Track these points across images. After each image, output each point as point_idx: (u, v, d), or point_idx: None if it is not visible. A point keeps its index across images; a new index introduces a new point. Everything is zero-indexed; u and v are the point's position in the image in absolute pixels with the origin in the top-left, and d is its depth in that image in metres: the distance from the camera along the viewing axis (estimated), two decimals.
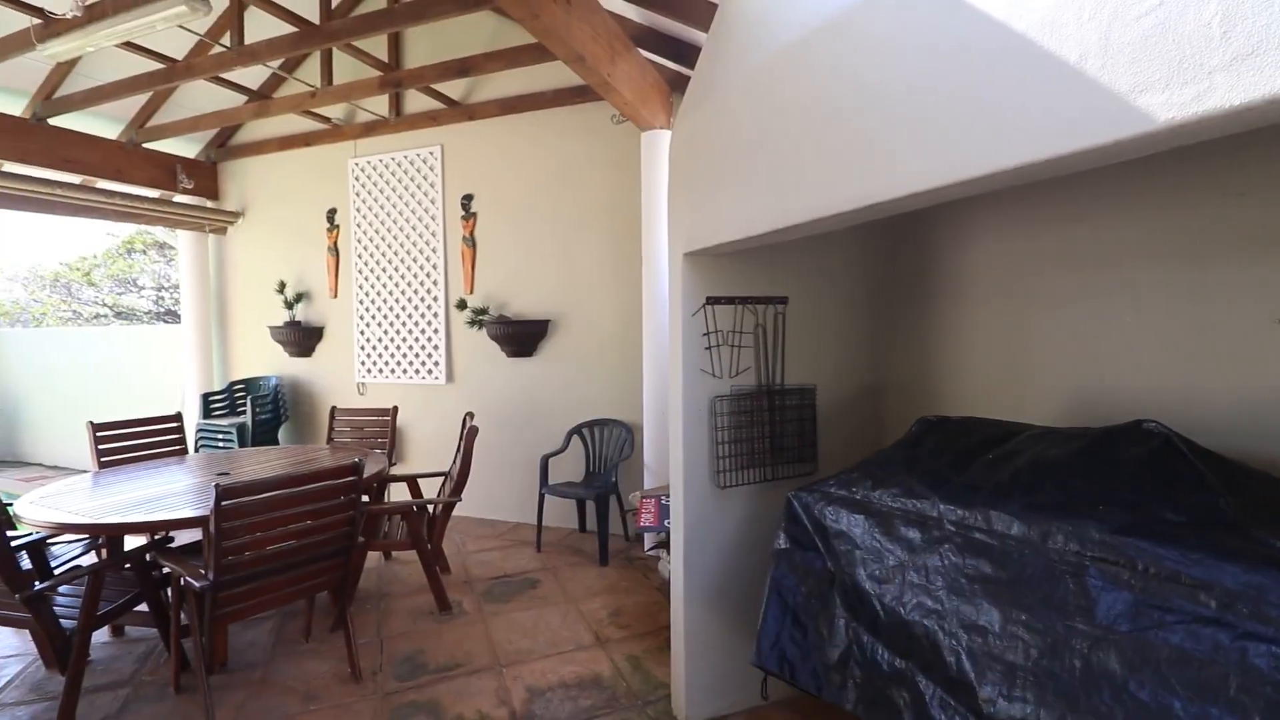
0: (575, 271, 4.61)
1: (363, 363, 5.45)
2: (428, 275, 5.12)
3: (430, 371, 5.15)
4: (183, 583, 2.32)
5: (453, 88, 4.82)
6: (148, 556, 2.62)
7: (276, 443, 5.52)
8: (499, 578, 3.73)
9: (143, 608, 2.65)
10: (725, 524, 2.37)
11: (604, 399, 4.55)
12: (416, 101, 5.02)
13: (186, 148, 5.80)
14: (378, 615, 3.24)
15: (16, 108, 4.56)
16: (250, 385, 5.64)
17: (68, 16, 3.02)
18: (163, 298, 13.61)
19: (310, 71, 5.12)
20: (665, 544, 3.44)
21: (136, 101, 5.12)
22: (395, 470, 4.12)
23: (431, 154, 5.04)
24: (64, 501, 2.70)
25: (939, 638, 1.38)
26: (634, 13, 3.77)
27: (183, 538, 3.05)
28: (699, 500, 2.31)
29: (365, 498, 2.87)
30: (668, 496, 3.60)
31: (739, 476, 2.36)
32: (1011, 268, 2.17)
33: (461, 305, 4.91)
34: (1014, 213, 2.17)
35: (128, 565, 2.70)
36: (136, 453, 3.71)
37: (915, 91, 1.24)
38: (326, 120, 5.28)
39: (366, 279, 5.38)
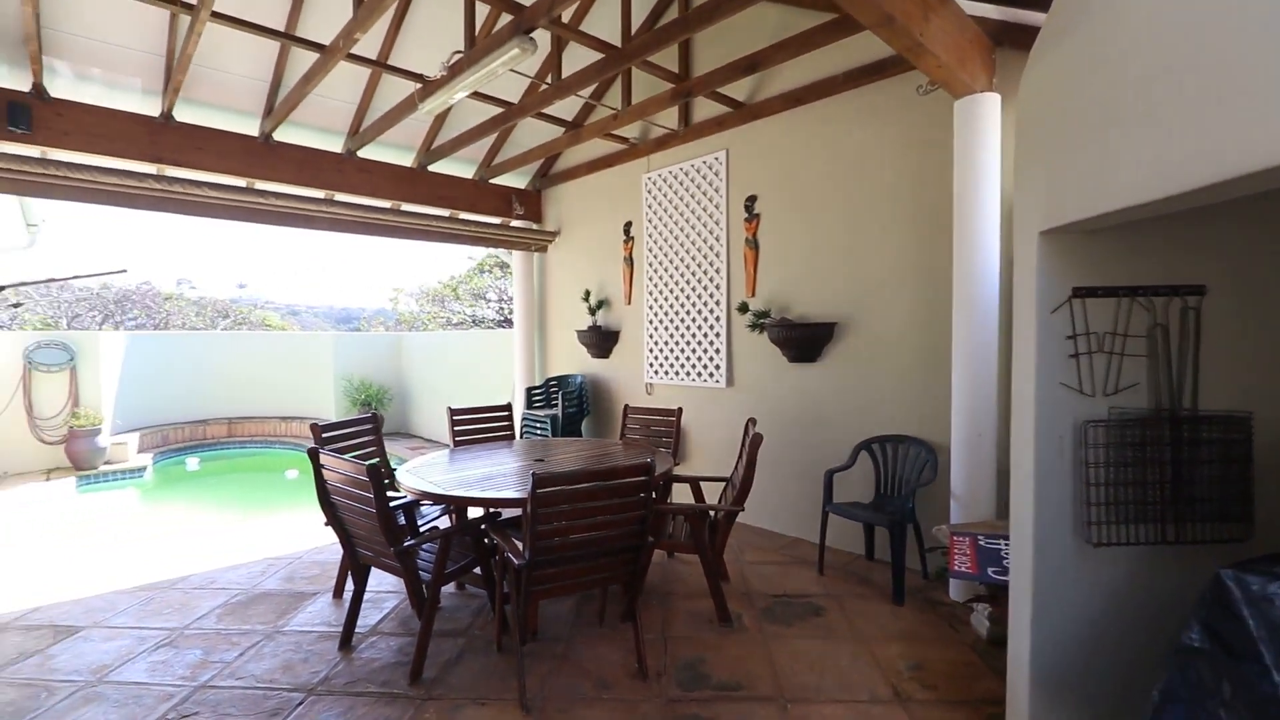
0: (866, 269, 4.15)
1: (650, 365, 5.76)
2: (710, 280, 5.17)
3: (711, 375, 5.18)
4: (505, 556, 2.61)
5: (738, 89, 4.77)
6: (482, 526, 3.05)
7: (580, 433, 6.17)
8: (779, 596, 3.50)
9: (478, 570, 3.09)
10: (1095, 593, 1.77)
11: (899, 412, 4.00)
12: (703, 110, 5.11)
13: (518, 180, 6.86)
14: (662, 613, 3.29)
15: (407, 160, 5.89)
16: (561, 382, 6.40)
17: (437, 77, 3.71)
18: (503, 307, 16.65)
19: (613, 97, 5.61)
20: (986, 597, 2.82)
21: (484, 146, 6.21)
22: (678, 471, 4.21)
23: (716, 159, 5.07)
24: (428, 473, 3.30)
25: None
26: None
27: (509, 511, 3.50)
28: (1057, 557, 1.76)
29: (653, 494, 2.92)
30: (988, 537, 2.97)
31: (1120, 532, 1.74)
32: None
33: (743, 308, 4.83)
34: None
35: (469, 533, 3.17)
36: (479, 435, 4.44)
37: None
38: (625, 140, 5.72)
39: (655, 285, 5.67)
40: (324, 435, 3.65)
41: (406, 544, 2.66)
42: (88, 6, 3.88)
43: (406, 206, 6.04)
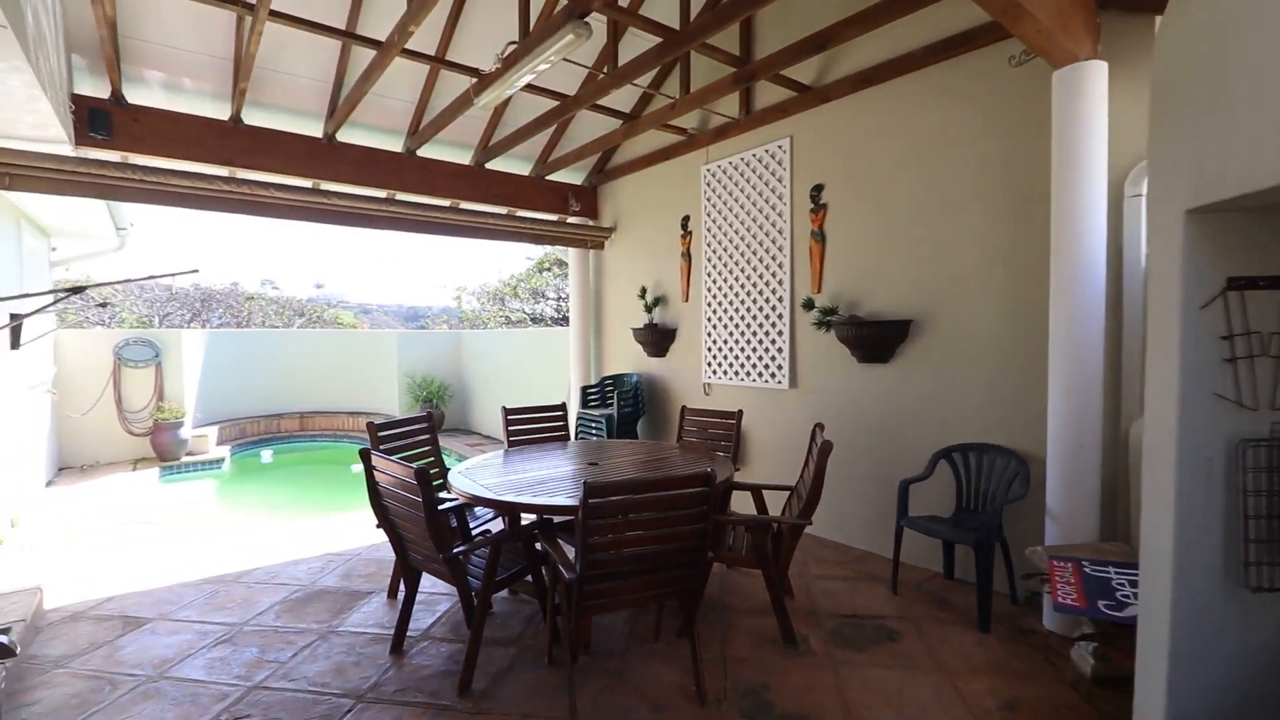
0: (947, 261, 3.81)
1: (709, 364, 5.54)
2: (773, 275, 4.91)
3: (773, 375, 4.92)
4: (556, 567, 2.48)
5: (804, 71, 4.49)
6: (534, 532, 2.94)
7: (635, 434, 6.02)
8: (849, 616, 3.24)
9: (530, 578, 2.98)
10: (1251, 647, 1.47)
11: (984, 418, 3.65)
12: (766, 95, 4.85)
13: (574, 176, 6.77)
14: (721, 630, 3.09)
15: (465, 158, 5.88)
16: (617, 381, 6.27)
17: (491, 70, 3.62)
18: (561, 305, 16.77)
19: (670, 88, 5.42)
20: (1094, 635, 2.48)
21: (540, 143, 6.14)
22: (736, 477, 3.98)
23: (780, 147, 4.80)
24: (480, 475, 3.21)
25: None
26: None
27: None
28: (1202, 602, 1.47)
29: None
30: (1094, 563, 2.64)
31: None
32: None
33: (808, 305, 4.55)
34: None
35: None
36: (533, 435, 4.35)
37: None
38: (682, 131, 5.52)
39: (714, 281, 5.45)
40: (380, 434, 3.63)
41: (455, 550, 2.57)
42: (162, 15, 3.99)
43: (465, 205, 6.05)
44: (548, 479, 3.12)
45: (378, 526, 2.87)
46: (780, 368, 4.87)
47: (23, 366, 5.47)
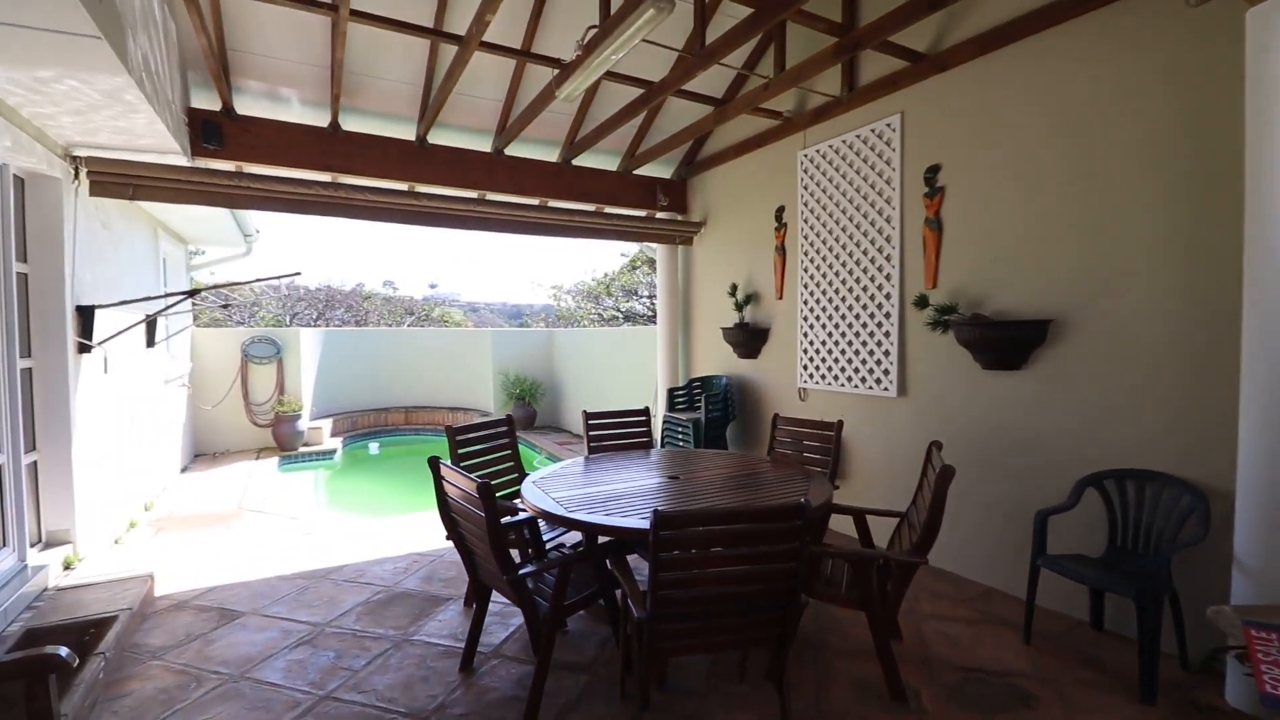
0: (1099, 250, 3.19)
1: (804, 367, 5.11)
2: (879, 269, 4.41)
3: (878, 381, 4.43)
4: (627, 601, 2.24)
5: (917, 36, 3.96)
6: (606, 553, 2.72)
7: (724, 439, 5.69)
8: (971, 671, 2.76)
9: (602, 601, 2.77)
10: None
11: (1146, 440, 3.02)
12: (872, 67, 4.35)
13: (663, 170, 6.52)
14: (815, 674, 2.72)
15: (552, 156, 5.79)
16: (705, 383, 5.97)
17: (572, 58, 3.44)
18: (653, 303, 16.65)
19: (765, 67, 5.03)
20: None
21: (627, 137, 5.93)
22: (835, 497, 3.58)
23: (888, 125, 4.29)
24: (554, 486, 3.04)
25: None
26: None
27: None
28: None
29: None
30: None
31: None
32: None
33: (922, 303, 4.02)
34: None
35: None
36: (615, 441, 4.16)
37: None
38: (777, 115, 5.11)
39: (812, 277, 5.01)
40: (458, 438, 3.57)
41: (522, 572, 2.39)
42: (265, 28, 4.15)
43: (553, 203, 5.97)
44: (623, 494, 2.90)
45: (447, 538, 2.77)
46: (887, 373, 4.36)
47: (163, 363, 6.00)
